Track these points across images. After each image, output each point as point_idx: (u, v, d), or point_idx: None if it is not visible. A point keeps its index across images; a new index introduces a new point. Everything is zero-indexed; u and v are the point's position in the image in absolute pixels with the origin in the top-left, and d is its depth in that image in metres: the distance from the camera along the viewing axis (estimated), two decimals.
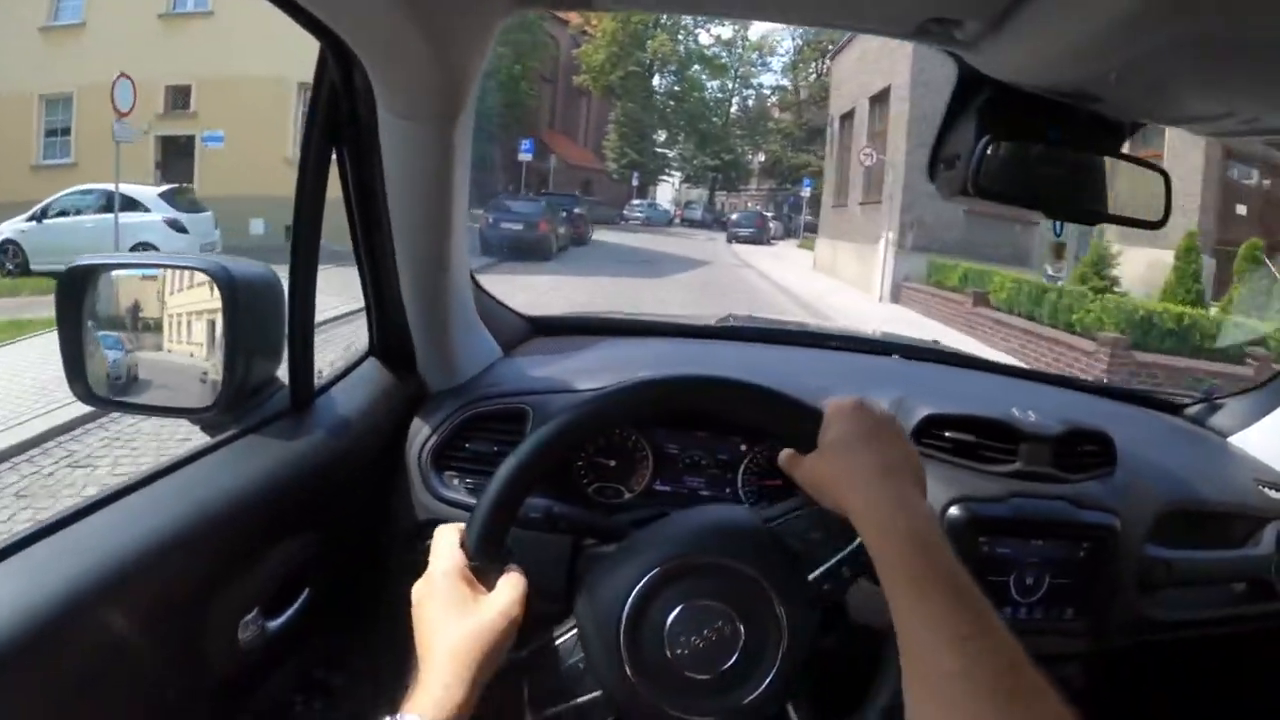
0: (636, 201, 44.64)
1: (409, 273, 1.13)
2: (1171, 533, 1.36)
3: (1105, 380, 7.25)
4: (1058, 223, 0.90)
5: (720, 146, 52.53)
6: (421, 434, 1.21)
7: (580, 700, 0.79)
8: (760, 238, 33.13)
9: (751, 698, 0.79)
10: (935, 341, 2.06)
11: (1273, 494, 1.52)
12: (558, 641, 0.81)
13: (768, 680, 0.79)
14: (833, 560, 0.82)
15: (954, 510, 1.19)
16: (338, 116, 0.99)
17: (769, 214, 52.56)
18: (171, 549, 0.80)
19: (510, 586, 0.78)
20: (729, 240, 32.62)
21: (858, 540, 0.79)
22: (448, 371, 1.29)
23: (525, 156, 29.67)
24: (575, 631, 0.81)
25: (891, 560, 0.69)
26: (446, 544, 0.81)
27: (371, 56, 0.90)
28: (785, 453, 0.85)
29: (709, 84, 53.53)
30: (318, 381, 1.13)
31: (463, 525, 0.81)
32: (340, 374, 1.20)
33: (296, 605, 1.00)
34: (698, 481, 1.31)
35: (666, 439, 1.31)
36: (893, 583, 0.68)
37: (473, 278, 1.36)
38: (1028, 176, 0.93)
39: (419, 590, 0.79)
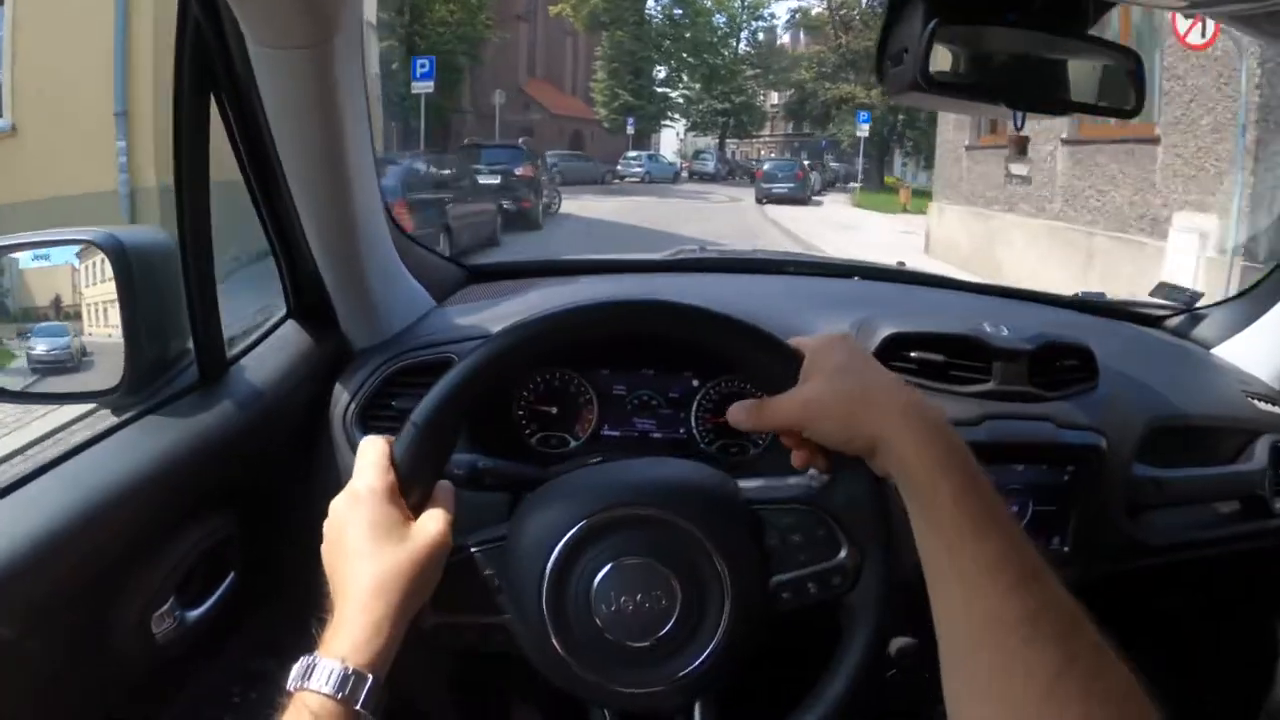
0: (632, 154, 39.42)
1: (314, 223, 1.10)
2: (1159, 450, 1.37)
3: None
4: (1018, 114, 0.91)
5: (729, 86, 49.09)
6: (345, 395, 1.21)
7: (486, 620, 0.77)
8: (801, 194, 27.10)
9: (684, 673, 0.76)
10: (901, 263, 2.12)
11: (1262, 405, 1.55)
12: (474, 550, 0.78)
13: (704, 656, 0.76)
14: (805, 570, 0.78)
15: None
16: (208, 61, 0.95)
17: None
18: (62, 542, 0.78)
19: (442, 511, 0.75)
20: (759, 200, 26.58)
21: (838, 558, 0.77)
22: (371, 327, 1.28)
23: (422, 86, 21.61)
24: (498, 547, 0.78)
25: (946, 495, 0.65)
26: (374, 457, 0.76)
27: None
28: (747, 403, 0.80)
29: (714, 16, 50.65)
30: (232, 350, 1.13)
31: (392, 439, 0.77)
32: (256, 340, 1.20)
33: (219, 592, 1.01)
34: (648, 423, 1.31)
35: (612, 380, 1.30)
36: (945, 521, 0.65)
37: (397, 225, 1.34)
38: (983, 65, 0.95)
39: (340, 510, 0.74)
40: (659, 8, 49.38)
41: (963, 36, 0.93)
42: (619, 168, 37.17)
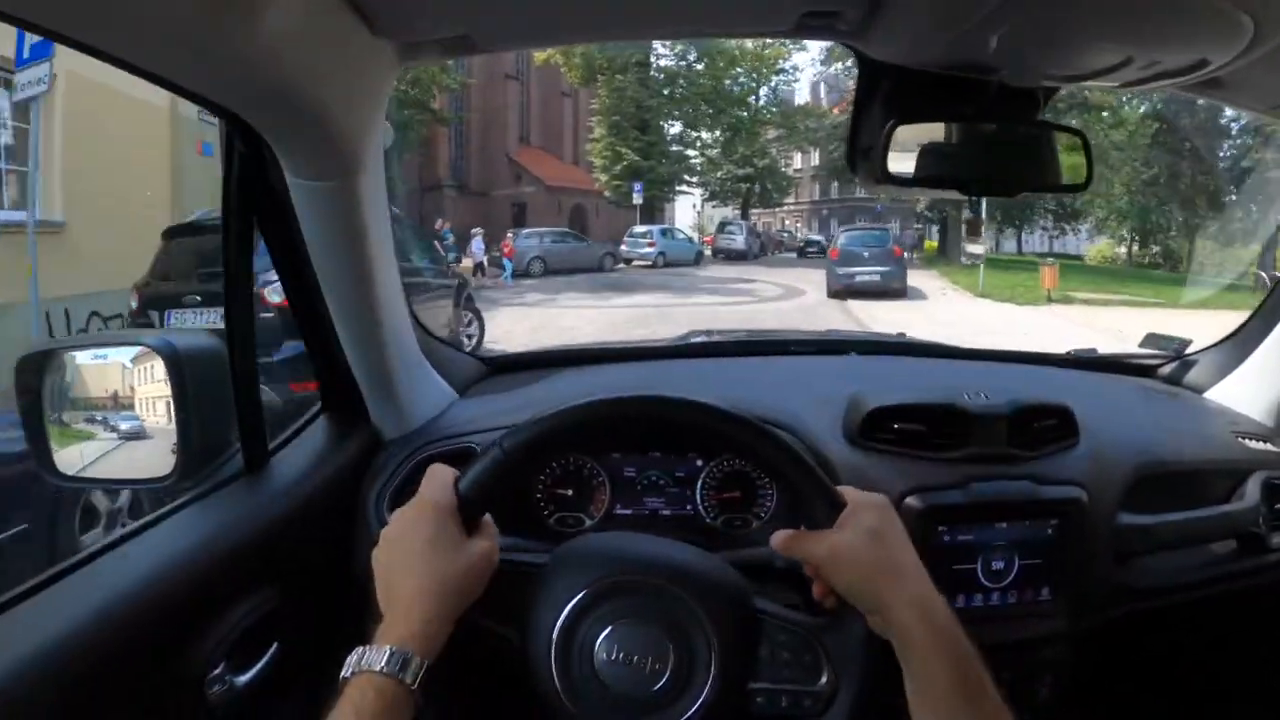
0: (640, 229, 32.40)
1: (345, 328, 1.37)
2: (1148, 497, 1.54)
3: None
4: (971, 199, 1.13)
5: (751, 149, 46.62)
6: (377, 482, 1.44)
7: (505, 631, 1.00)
8: (898, 283, 20.18)
9: (689, 715, 0.95)
10: (901, 334, 2.40)
11: (1253, 444, 1.71)
12: (508, 568, 1.02)
13: (703, 697, 0.95)
14: (784, 686, 0.99)
15: (910, 501, 1.37)
16: (252, 186, 1.21)
17: (821, 236, 47.05)
18: (130, 613, 0.98)
19: (491, 533, 0.99)
20: (835, 292, 19.82)
21: (818, 684, 0.98)
22: (399, 419, 1.53)
23: None
24: (533, 573, 1.03)
25: (942, 676, 0.89)
26: (440, 480, 0.99)
27: (271, 129, 1.12)
28: (787, 532, 1.01)
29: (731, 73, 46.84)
30: (273, 442, 1.37)
31: (454, 471, 1.00)
32: (293, 432, 1.45)
33: (265, 660, 1.20)
34: (657, 502, 1.53)
35: (622, 463, 1.53)
36: (940, 688, 0.88)
37: (418, 323, 1.60)
38: (941, 157, 1.17)
39: (405, 519, 0.96)
40: (670, 52, 44.36)
41: (919, 134, 1.16)
42: (623, 248, 30.96)
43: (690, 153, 47.78)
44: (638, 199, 38.83)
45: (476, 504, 0.97)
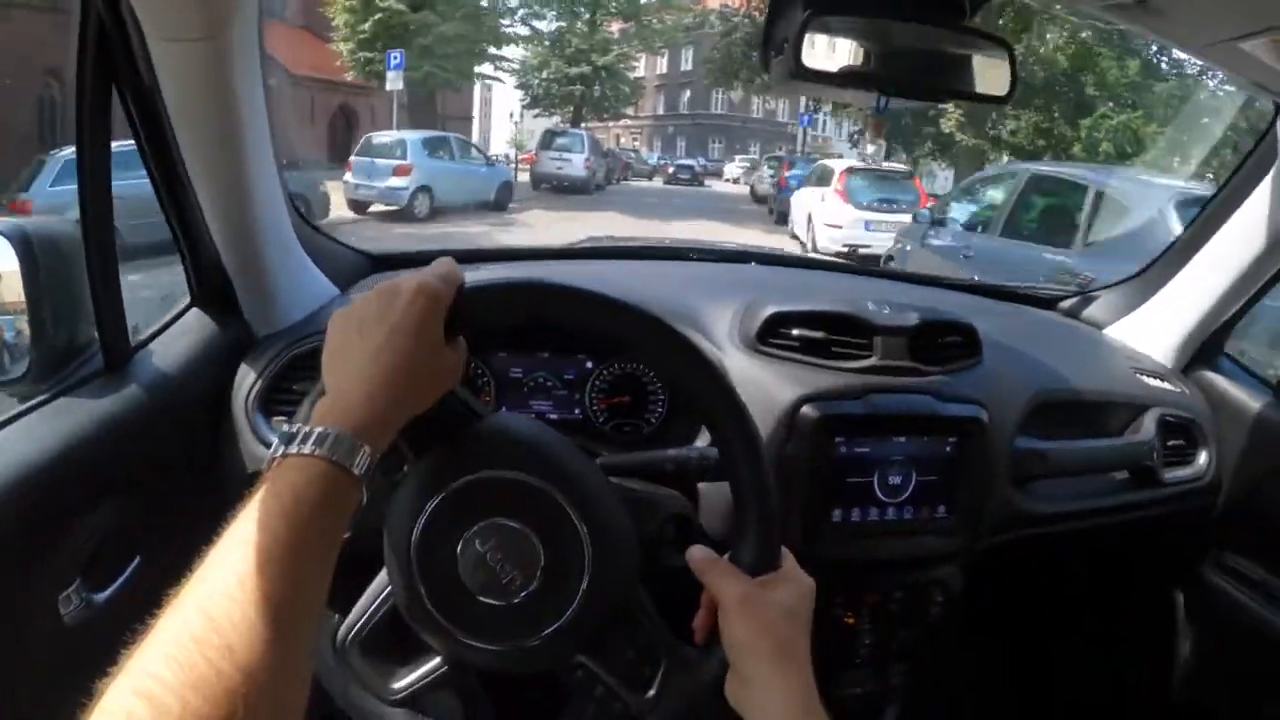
0: (381, 138, 20.94)
1: (215, 213, 1.41)
2: (1046, 424, 1.74)
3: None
4: (882, 98, 1.31)
5: (591, 42, 42.90)
6: (246, 380, 1.51)
7: (423, 670, 1.04)
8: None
9: (547, 631, 0.98)
10: (806, 251, 2.65)
11: (1151, 381, 1.96)
12: (383, 596, 1.05)
13: (567, 613, 0.98)
14: (606, 676, 1.04)
15: (805, 410, 1.50)
16: (110, 54, 1.22)
17: (694, 160, 47.85)
18: None
19: (461, 352, 0.97)
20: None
21: (645, 694, 1.03)
22: (273, 314, 1.60)
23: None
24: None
25: None
26: (444, 271, 0.94)
27: None
28: (711, 556, 1.04)
29: None
30: (137, 337, 1.41)
31: (460, 269, 0.96)
32: (160, 327, 1.49)
33: (127, 573, 1.26)
34: (544, 404, 1.66)
35: (509, 363, 1.64)
36: None
37: (299, 213, 1.65)
38: (859, 55, 1.30)
39: (390, 293, 0.91)
40: None
41: (837, 27, 1.28)
42: (348, 179, 19.58)
43: (504, 22, 39.76)
44: (394, 81, 25.21)
45: (471, 315, 0.96)
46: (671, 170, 45.96)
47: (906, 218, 13.73)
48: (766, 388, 1.52)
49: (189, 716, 0.62)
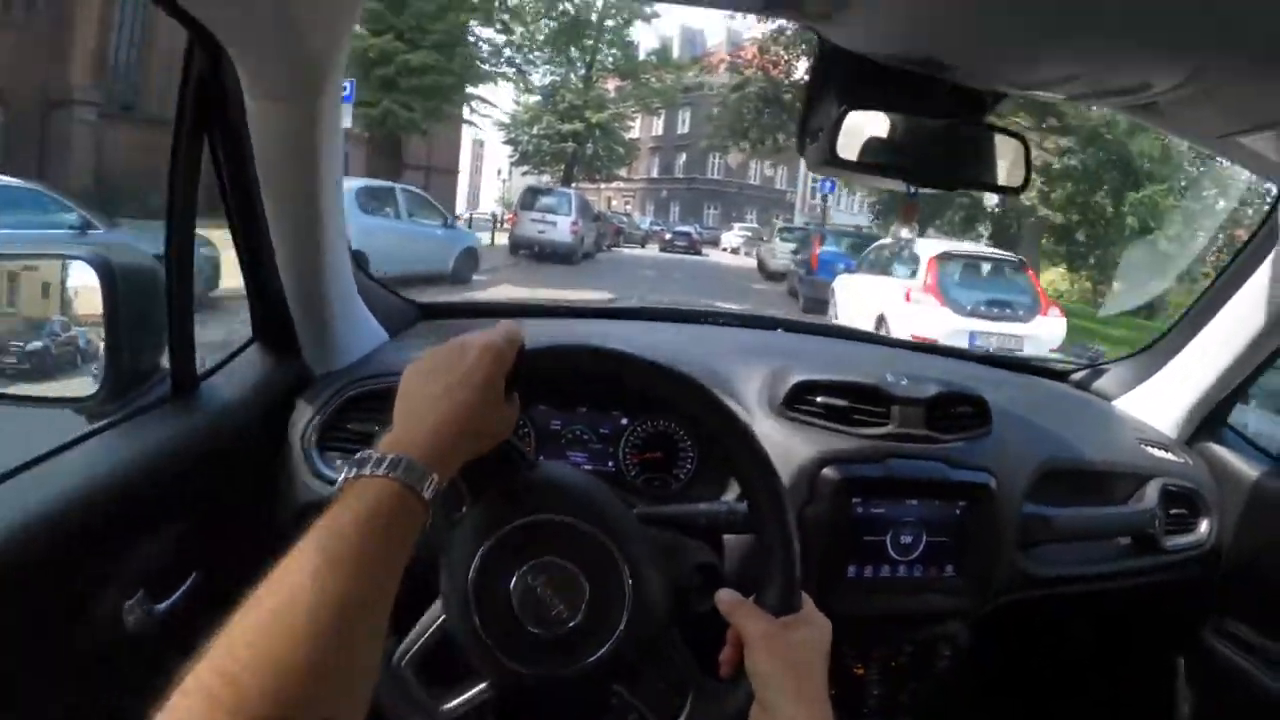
0: None
1: (285, 257, 1.58)
2: (1052, 491, 1.89)
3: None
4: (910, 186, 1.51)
5: (586, 97, 42.51)
6: (304, 416, 1.68)
7: (471, 694, 1.15)
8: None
9: (588, 661, 1.11)
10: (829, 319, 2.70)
11: (1155, 452, 2.11)
12: (438, 623, 1.18)
13: (607, 645, 1.11)
14: (639, 704, 1.18)
15: (826, 471, 1.67)
16: (207, 105, 1.39)
17: (691, 227, 45.97)
18: (43, 535, 1.13)
19: (516, 407, 1.13)
20: None
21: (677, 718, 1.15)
22: (330, 355, 1.78)
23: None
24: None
25: None
26: (508, 332, 1.10)
27: (236, 42, 1.28)
28: (738, 598, 1.17)
29: None
30: (201, 367, 1.54)
31: (522, 331, 1.12)
32: (224, 360, 1.64)
33: (184, 588, 1.38)
34: (580, 457, 1.80)
35: (549, 415, 1.79)
36: None
37: (356, 261, 1.82)
38: (887, 146, 1.48)
39: (463, 350, 1.07)
40: None
41: (869, 122, 1.47)
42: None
43: (483, 63, 35.47)
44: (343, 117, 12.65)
45: (529, 374, 1.13)
46: (668, 237, 44.97)
47: (1026, 328, 12.15)
48: (791, 450, 1.68)
49: (266, 696, 0.72)
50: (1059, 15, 1.14)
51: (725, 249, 49.49)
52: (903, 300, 12.70)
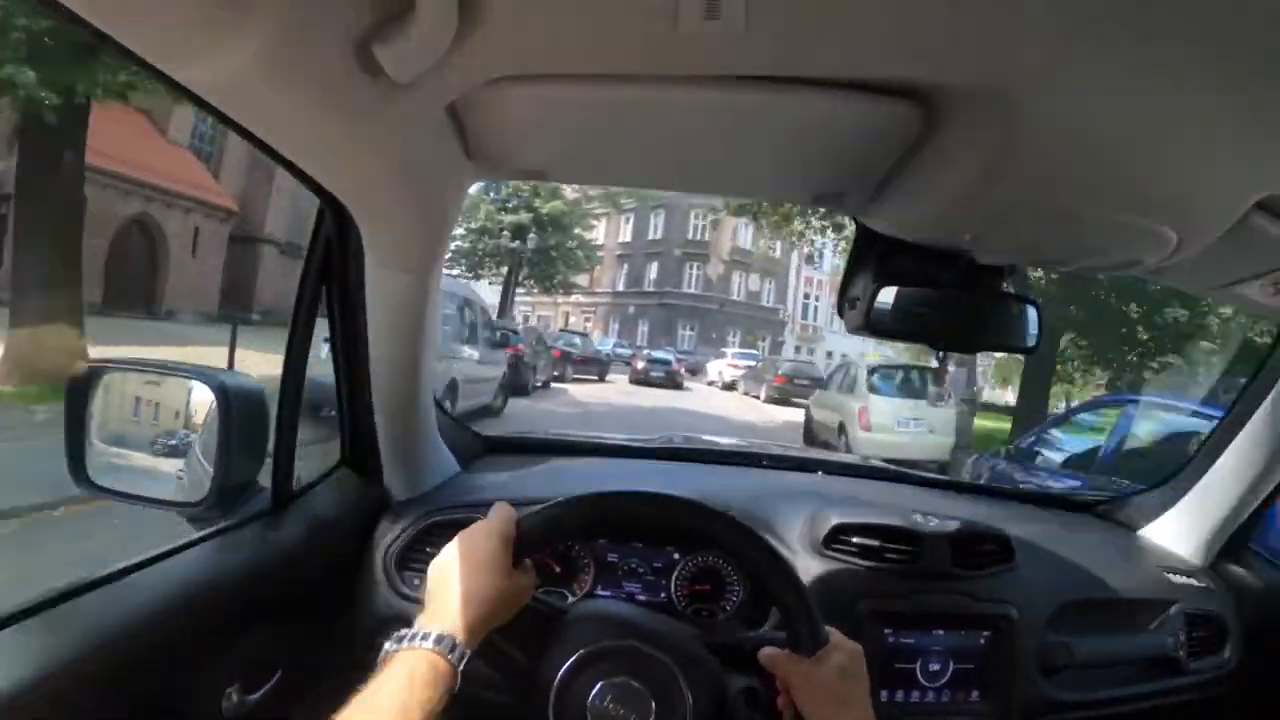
0: None
1: (382, 397, 1.91)
2: (1075, 620, 2.10)
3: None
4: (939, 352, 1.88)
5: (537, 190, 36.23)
6: (387, 538, 1.98)
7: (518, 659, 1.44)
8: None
9: None
10: (866, 458, 3.07)
11: (1178, 579, 2.31)
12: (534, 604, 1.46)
13: None
14: None
15: (862, 604, 1.92)
16: (330, 262, 1.72)
17: (670, 354, 39.13)
18: (159, 629, 1.35)
19: (530, 574, 1.43)
20: None
21: None
22: (411, 482, 2.11)
23: None
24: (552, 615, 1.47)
25: None
26: (506, 514, 1.43)
27: (363, 215, 1.61)
28: (776, 651, 1.49)
29: None
30: (294, 486, 1.79)
31: (514, 511, 1.43)
32: (314, 480, 1.92)
33: (271, 683, 1.60)
34: (635, 587, 2.06)
35: (607, 549, 2.06)
36: None
37: (437, 401, 2.14)
38: (915, 315, 1.83)
39: (471, 537, 1.39)
40: None
41: (901, 294, 1.82)
42: None
43: None
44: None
45: (530, 543, 1.44)
46: (641, 366, 37.63)
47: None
48: (830, 585, 1.97)
49: None
50: (1067, 210, 1.50)
51: (713, 382, 42.87)
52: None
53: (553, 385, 27.78)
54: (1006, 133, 1.26)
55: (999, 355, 26.21)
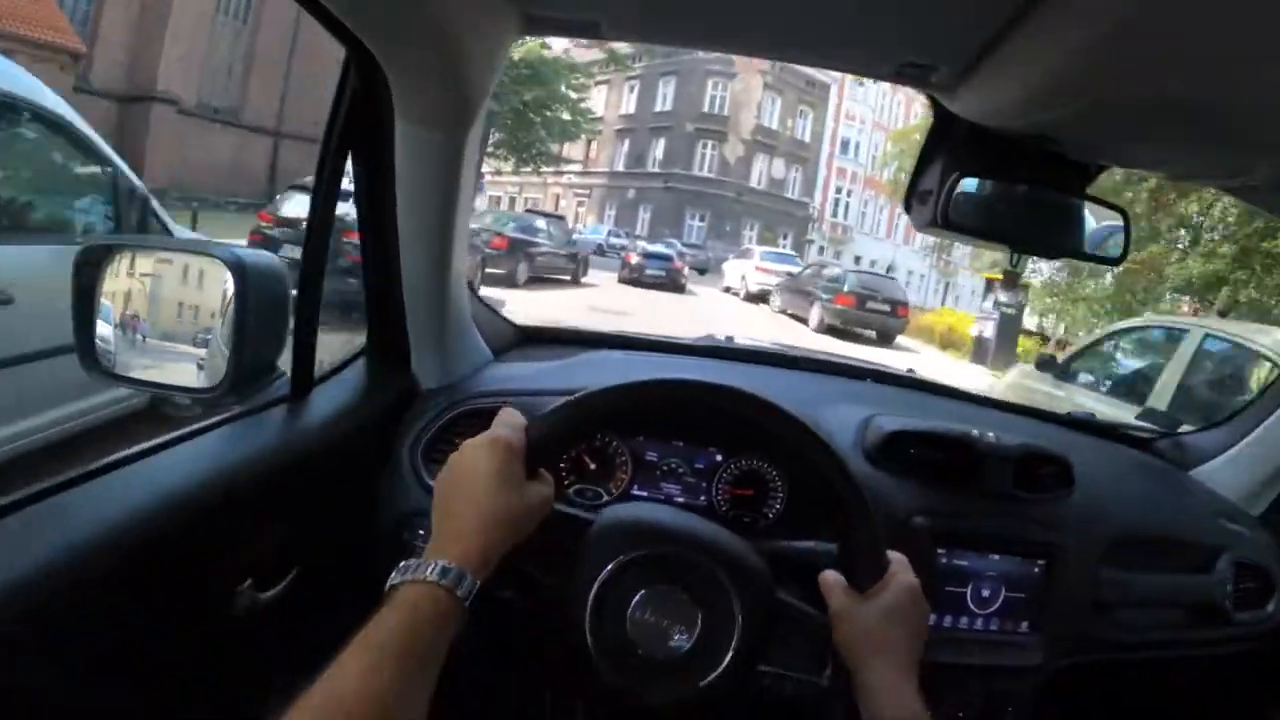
0: None
1: (411, 276, 1.84)
2: (1127, 557, 2.12)
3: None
4: (1014, 255, 1.85)
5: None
6: (413, 429, 1.94)
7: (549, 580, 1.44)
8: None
9: (706, 681, 1.37)
10: (911, 370, 3.08)
11: (1228, 525, 2.35)
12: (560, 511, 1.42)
13: (722, 667, 1.37)
14: (790, 673, 1.48)
15: (916, 519, 1.92)
16: (356, 123, 1.62)
17: (678, 249, 34.83)
18: (172, 515, 1.34)
19: (548, 482, 1.36)
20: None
21: (823, 675, 1.49)
22: (440, 371, 2.07)
23: None
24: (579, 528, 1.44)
25: None
26: (512, 422, 1.36)
27: (394, 66, 1.49)
28: (835, 578, 1.47)
29: None
30: (316, 372, 1.75)
31: (524, 415, 1.39)
32: (337, 367, 1.89)
33: (286, 581, 1.59)
34: (674, 488, 2.05)
35: (646, 446, 2.03)
36: None
37: (469, 284, 2.06)
38: (994, 212, 1.78)
39: (474, 451, 1.32)
40: None
41: (978, 187, 1.75)
42: None
43: None
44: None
45: (542, 451, 1.38)
46: (636, 262, 33.67)
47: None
48: (882, 497, 1.94)
49: None
50: (1171, 103, 1.40)
51: (729, 288, 37.70)
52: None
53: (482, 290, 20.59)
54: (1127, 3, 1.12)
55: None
